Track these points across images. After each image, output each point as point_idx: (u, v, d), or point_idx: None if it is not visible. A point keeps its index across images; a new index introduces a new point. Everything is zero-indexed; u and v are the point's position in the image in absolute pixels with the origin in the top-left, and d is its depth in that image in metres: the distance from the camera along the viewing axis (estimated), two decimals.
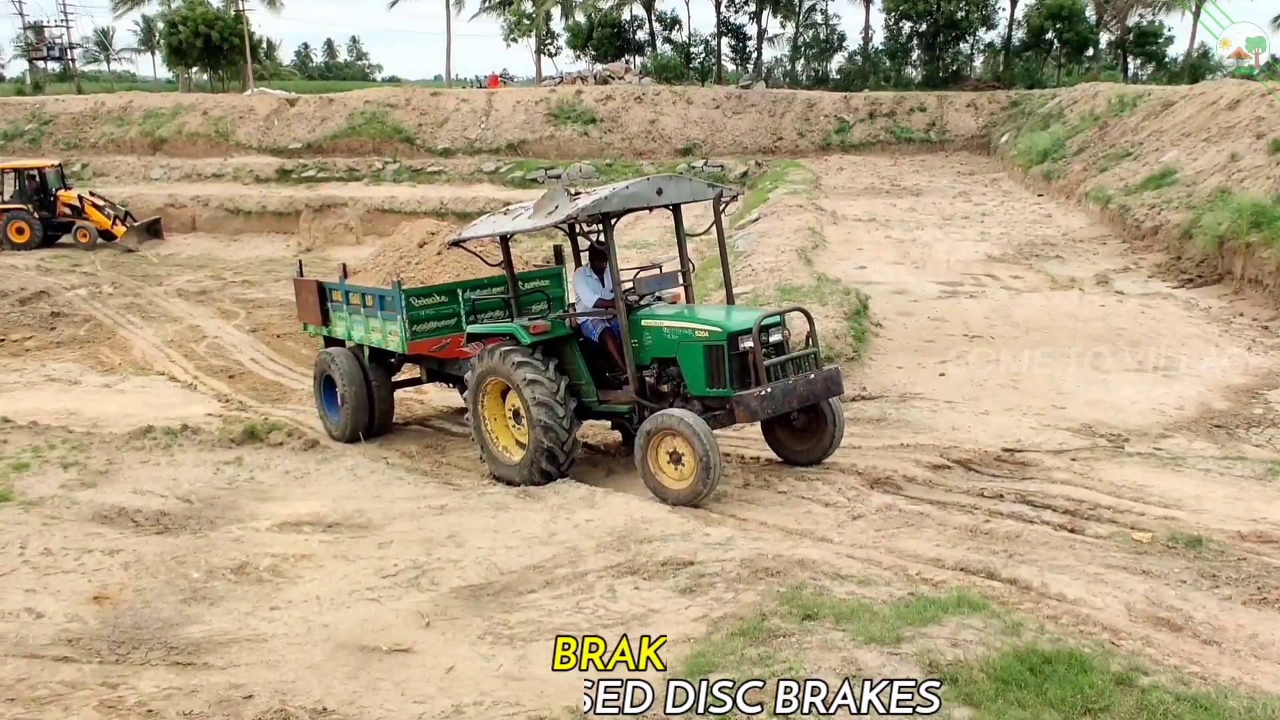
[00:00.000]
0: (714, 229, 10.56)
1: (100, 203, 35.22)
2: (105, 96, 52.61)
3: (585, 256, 11.00)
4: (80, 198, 34.80)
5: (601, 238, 10.04)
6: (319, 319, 13.46)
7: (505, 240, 10.85)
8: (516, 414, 10.25)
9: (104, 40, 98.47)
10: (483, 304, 12.07)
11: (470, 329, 11.03)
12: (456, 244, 11.32)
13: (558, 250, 13.10)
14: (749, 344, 9.16)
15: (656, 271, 10.49)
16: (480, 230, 11.00)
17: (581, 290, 10.57)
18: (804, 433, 9.99)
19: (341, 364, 12.66)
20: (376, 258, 13.64)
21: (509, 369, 9.88)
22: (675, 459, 9.03)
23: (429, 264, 12.79)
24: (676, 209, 10.62)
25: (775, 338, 9.51)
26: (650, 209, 10.51)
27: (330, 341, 13.52)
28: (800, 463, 9.98)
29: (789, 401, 9.17)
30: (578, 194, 9.87)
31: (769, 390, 9.01)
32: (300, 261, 15.42)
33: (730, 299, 10.86)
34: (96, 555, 8.02)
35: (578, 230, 10.78)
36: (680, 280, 10.56)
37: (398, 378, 13.27)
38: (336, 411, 12.85)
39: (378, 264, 13.32)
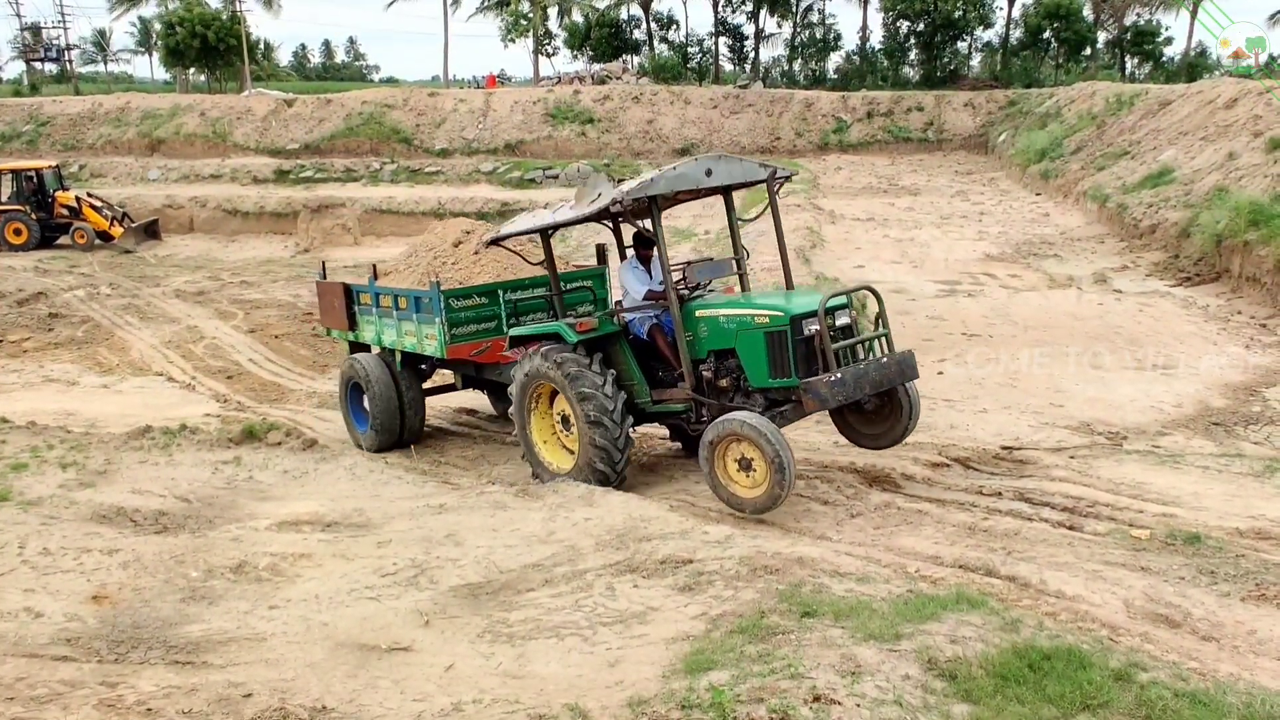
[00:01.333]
0: (768, 213, 9.84)
1: (98, 204, 35.23)
2: (102, 97, 52.63)
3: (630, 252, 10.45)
4: (78, 199, 34.82)
5: (647, 225, 9.42)
6: (345, 324, 12.83)
7: (547, 236, 10.23)
8: (565, 419, 9.78)
9: (101, 41, 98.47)
10: (524, 305, 11.54)
11: (513, 331, 10.48)
12: (495, 243, 10.78)
13: (600, 249, 12.58)
14: (815, 327, 8.53)
15: (709, 260, 10.05)
16: (519, 227, 10.40)
17: (629, 282, 9.96)
18: (876, 416, 9.43)
19: (371, 371, 12.09)
20: (408, 258, 13.11)
21: (556, 372, 9.40)
22: (745, 466, 8.37)
23: (466, 264, 12.24)
24: (727, 194, 10.00)
25: (843, 320, 8.86)
26: (699, 192, 9.84)
27: (355, 348, 12.99)
28: (873, 448, 9.59)
29: (861, 387, 8.53)
30: (621, 180, 9.27)
31: (839, 375, 8.36)
32: (324, 263, 15.00)
33: (789, 284, 10.05)
34: (95, 555, 8.00)
35: (621, 220, 10.16)
36: (734, 269, 9.96)
37: (429, 384, 12.74)
38: (364, 421, 12.34)
39: (409, 265, 12.80)
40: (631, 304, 9.87)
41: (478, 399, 13.70)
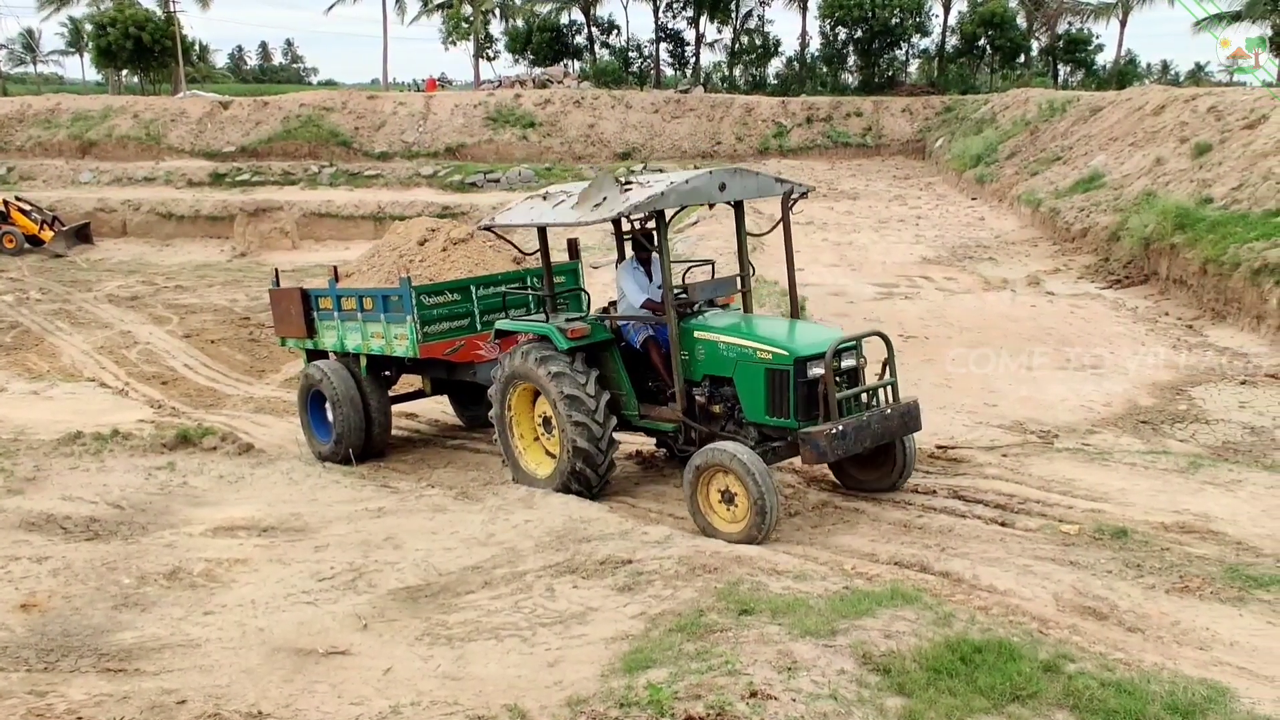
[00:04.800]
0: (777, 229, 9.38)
1: (27, 207, 34.55)
2: (31, 99, 51.52)
3: (629, 248, 9.96)
4: (5, 202, 34.14)
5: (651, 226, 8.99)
6: (303, 331, 12.29)
7: (543, 231, 9.77)
8: (547, 421, 9.42)
9: (30, 42, 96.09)
10: (514, 299, 11.09)
11: (500, 324, 10.10)
12: (488, 228, 10.34)
13: (572, 244, 12.17)
14: (820, 372, 8.07)
15: (709, 272, 9.68)
16: (516, 218, 9.74)
17: (627, 287, 9.47)
18: (870, 463, 9.00)
19: (333, 377, 11.57)
20: (371, 259, 12.71)
21: (540, 372, 9.05)
22: (727, 498, 8.08)
23: (434, 261, 11.89)
24: (739, 206, 9.43)
25: (848, 364, 8.38)
26: (711, 206, 9.46)
27: (312, 357, 12.52)
28: (863, 491, 9.10)
29: (862, 441, 8.10)
30: (629, 185, 8.81)
31: (840, 429, 7.91)
32: (276, 270, 14.56)
33: (795, 312, 9.61)
34: (24, 562, 7.85)
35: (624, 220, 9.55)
36: (738, 286, 9.45)
37: (394, 391, 12.34)
38: (327, 431, 11.84)
39: (372, 265, 12.42)
40: (627, 309, 9.51)
41: (420, 402, 13.57)
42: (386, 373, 12.08)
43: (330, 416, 11.72)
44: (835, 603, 6.15)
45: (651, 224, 9.02)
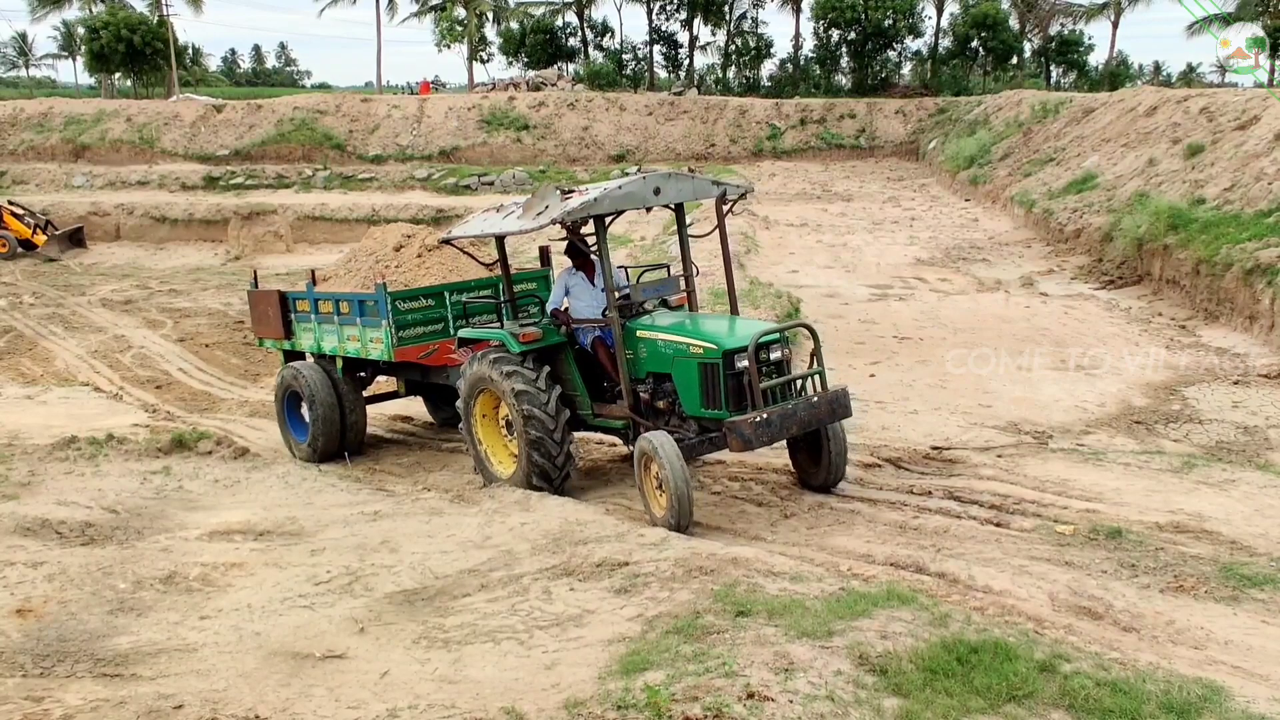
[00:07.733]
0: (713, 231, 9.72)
1: (19, 211, 34.47)
2: (24, 102, 51.41)
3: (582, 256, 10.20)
4: None
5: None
6: (280, 333, 12.56)
7: (500, 240, 10.20)
8: (510, 424, 9.76)
9: (22, 45, 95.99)
10: (474, 307, 11.43)
11: (462, 333, 10.46)
12: (446, 242, 10.82)
13: (543, 251, 12.51)
14: (745, 363, 8.40)
15: (664, 273, 9.98)
16: (471, 229, 10.34)
17: (555, 294, 10.01)
18: (812, 458, 9.31)
19: (310, 379, 11.80)
20: (348, 263, 12.85)
21: (497, 377, 9.38)
22: (659, 484, 8.42)
23: (409, 267, 12.06)
24: (679, 208, 9.88)
25: (775, 356, 8.71)
26: (648, 210, 9.79)
27: (290, 357, 12.74)
28: (811, 486, 9.35)
29: (788, 428, 8.41)
30: (569, 193, 9.12)
31: (765, 416, 8.25)
32: (255, 272, 14.59)
33: (734, 309, 9.98)
34: (19, 568, 7.83)
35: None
36: (681, 286, 9.86)
37: (369, 392, 12.54)
38: (303, 431, 12.00)
39: (349, 270, 12.55)
40: (577, 314, 9.77)
41: (413, 405, 13.61)
42: (362, 374, 12.26)
43: (306, 416, 11.92)
44: (831, 604, 6.16)
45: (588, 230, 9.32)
